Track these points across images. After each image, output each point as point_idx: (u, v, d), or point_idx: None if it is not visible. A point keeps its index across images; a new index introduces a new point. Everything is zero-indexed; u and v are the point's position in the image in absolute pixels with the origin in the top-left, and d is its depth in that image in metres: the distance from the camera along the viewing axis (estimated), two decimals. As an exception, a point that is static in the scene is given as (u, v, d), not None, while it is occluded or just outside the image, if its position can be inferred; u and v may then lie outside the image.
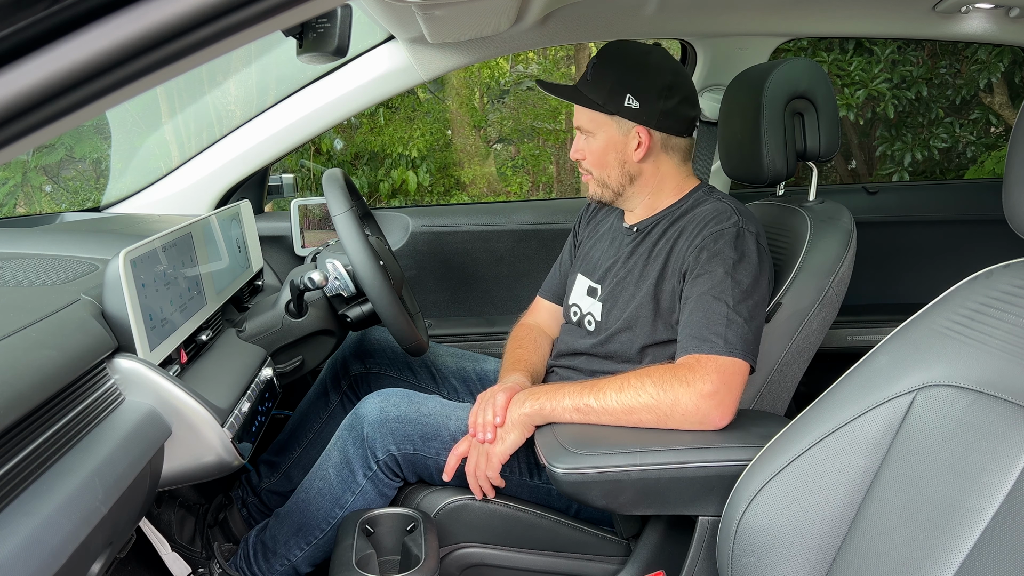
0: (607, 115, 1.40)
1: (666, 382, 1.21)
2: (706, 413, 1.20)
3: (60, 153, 4.55)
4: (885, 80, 3.70)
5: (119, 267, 1.00)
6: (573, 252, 1.67)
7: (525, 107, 6.24)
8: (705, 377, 1.20)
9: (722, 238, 1.30)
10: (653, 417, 1.21)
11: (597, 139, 1.43)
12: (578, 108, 1.44)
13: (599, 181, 1.47)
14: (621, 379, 1.25)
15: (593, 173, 1.46)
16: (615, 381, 1.25)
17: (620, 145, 1.42)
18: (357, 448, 1.36)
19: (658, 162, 1.44)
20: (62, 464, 0.83)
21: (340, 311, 1.59)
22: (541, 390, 1.30)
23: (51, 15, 0.44)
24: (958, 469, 0.84)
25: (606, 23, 2.01)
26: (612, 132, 1.42)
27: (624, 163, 1.43)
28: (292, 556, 1.41)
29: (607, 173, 1.45)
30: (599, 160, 1.44)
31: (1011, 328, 0.87)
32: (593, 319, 1.47)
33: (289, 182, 2.30)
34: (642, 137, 1.40)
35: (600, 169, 1.45)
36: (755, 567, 1.01)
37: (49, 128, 0.46)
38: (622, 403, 1.22)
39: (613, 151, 1.43)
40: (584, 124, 1.44)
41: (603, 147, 1.43)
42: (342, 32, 1.01)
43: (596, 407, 1.24)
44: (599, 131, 1.42)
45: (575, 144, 1.48)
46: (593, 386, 1.26)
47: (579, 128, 1.46)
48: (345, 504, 1.37)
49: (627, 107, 1.38)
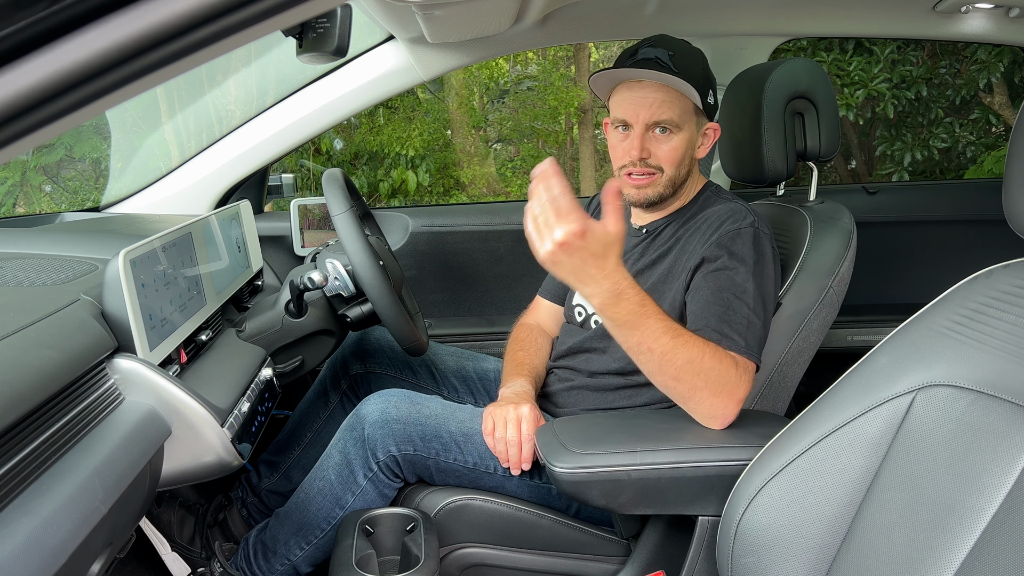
0: (696, 108, 1.34)
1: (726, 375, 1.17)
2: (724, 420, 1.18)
3: (60, 153, 4.55)
4: (885, 80, 3.70)
5: (119, 267, 1.00)
6: None
7: (525, 107, 6.24)
8: (748, 383, 1.19)
9: (740, 238, 1.29)
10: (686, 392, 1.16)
11: (681, 135, 1.34)
12: (662, 101, 1.31)
13: (669, 181, 1.37)
14: (700, 346, 1.15)
15: (665, 171, 1.36)
16: (693, 345, 1.15)
17: (695, 141, 1.38)
18: (358, 449, 1.36)
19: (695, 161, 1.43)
20: (62, 464, 0.83)
21: (340, 311, 1.59)
22: (633, 299, 1.11)
23: (51, 15, 0.44)
24: (958, 469, 0.84)
25: (606, 23, 2.01)
26: (693, 128, 1.36)
27: (691, 160, 1.39)
28: (292, 556, 1.41)
29: (680, 172, 1.37)
30: (677, 158, 1.34)
31: (1011, 328, 0.87)
32: (599, 320, 1.46)
33: (289, 182, 2.30)
34: (710, 134, 1.38)
35: (675, 167, 1.35)
36: (755, 567, 1.01)
37: (49, 128, 0.46)
38: (681, 366, 1.14)
39: (691, 148, 1.37)
40: (670, 117, 1.32)
41: (685, 144, 1.35)
42: (342, 32, 1.01)
43: (657, 354, 1.13)
44: (685, 125, 1.34)
45: (639, 141, 1.33)
46: (676, 335, 1.14)
47: (654, 126, 1.33)
48: (345, 504, 1.37)
49: (709, 103, 1.36)
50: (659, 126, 1.34)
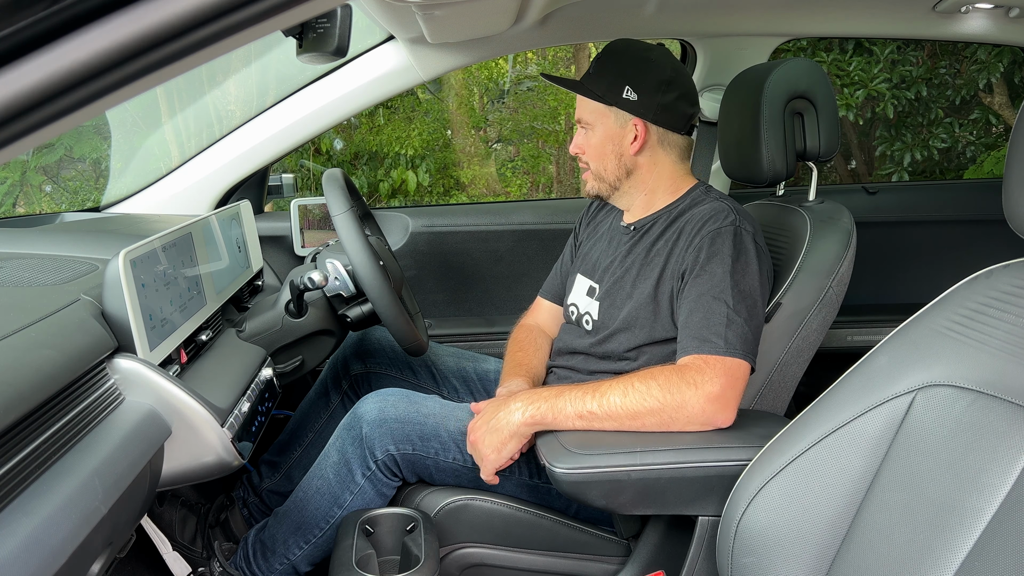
0: (606, 106, 1.42)
1: (672, 384, 1.19)
2: (712, 415, 1.19)
3: (60, 153, 4.55)
4: (885, 80, 3.70)
5: (119, 267, 1.00)
6: (574, 252, 1.67)
7: (525, 108, 6.24)
8: (712, 379, 1.19)
9: (720, 237, 1.30)
10: (657, 421, 1.19)
11: (596, 132, 1.45)
12: (580, 102, 1.46)
13: (596, 174, 1.48)
14: (624, 382, 1.22)
15: (591, 166, 1.48)
16: (618, 384, 1.22)
17: (617, 137, 1.44)
18: (356, 448, 1.36)
19: (655, 157, 1.44)
20: (62, 464, 0.83)
21: (340, 311, 1.59)
22: (539, 395, 1.25)
23: (51, 15, 0.44)
24: (958, 469, 0.84)
25: (606, 23, 2.01)
26: (610, 124, 1.43)
27: (621, 156, 1.45)
28: (291, 555, 1.42)
29: (604, 165, 1.46)
30: (597, 152, 1.46)
31: (1011, 328, 0.87)
32: (591, 318, 1.47)
33: (289, 182, 2.30)
34: (638, 130, 1.42)
35: (598, 161, 1.46)
36: (755, 567, 1.01)
37: (49, 128, 0.46)
38: (627, 408, 1.19)
39: (611, 143, 1.44)
40: (584, 116, 1.46)
41: (601, 139, 1.44)
42: (342, 32, 1.01)
43: (600, 413, 1.20)
44: (598, 123, 1.44)
45: (575, 140, 1.50)
46: (595, 390, 1.22)
47: (579, 122, 1.47)
48: (344, 503, 1.37)
49: (625, 99, 1.40)
50: (581, 124, 1.48)
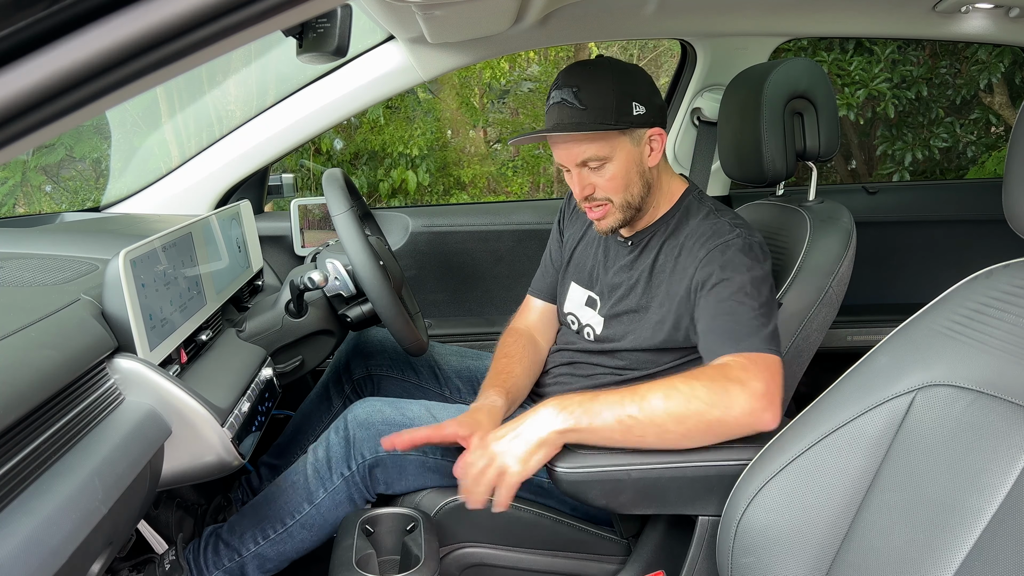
0: (619, 132, 1.30)
1: (717, 383, 1.12)
2: (760, 414, 1.12)
3: (60, 153, 4.55)
4: (885, 80, 3.69)
5: (119, 267, 1.00)
6: (561, 248, 1.62)
7: (525, 108, 6.23)
8: (756, 376, 1.13)
9: (730, 249, 1.28)
10: (703, 425, 1.11)
11: (614, 162, 1.31)
12: (578, 145, 1.30)
13: (624, 205, 1.35)
14: (665, 384, 1.14)
15: (614, 200, 1.34)
16: (658, 386, 1.13)
17: (638, 157, 1.33)
18: (341, 447, 1.36)
19: (660, 162, 1.39)
20: (62, 464, 0.83)
21: (340, 311, 1.59)
22: (571, 400, 1.15)
23: (51, 15, 0.44)
24: (958, 469, 0.84)
25: (606, 23, 2.01)
26: (628, 148, 1.31)
27: (643, 174, 1.34)
28: (244, 550, 1.36)
29: (631, 192, 1.34)
30: (622, 183, 1.32)
31: (1011, 328, 0.87)
32: (593, 331, 1.46)
33: (289, 182, 2.30)
34: (655, 140, 1.34)
35: (623, 192, 1.33)
36: (755, 567, 1.01)
37: (49, 128, 0.46)
38: (671, 411, 1.10)
39: (634, 166, 1.33)
40: (593, 154, 1.30)
41: (623, 167, 1.32)
42: (342, 32, 1.01)
43: (642, 417, 1.11)
44: (615, 153, 1.31)
45: (579, 182, 1.33)
46: (633, 392, 1.13)
47: (584, 164, 1.32)
48: (315, 500, 1.35)
49: (636, 115, 1.30)
50: (587, 165, 1.32)
